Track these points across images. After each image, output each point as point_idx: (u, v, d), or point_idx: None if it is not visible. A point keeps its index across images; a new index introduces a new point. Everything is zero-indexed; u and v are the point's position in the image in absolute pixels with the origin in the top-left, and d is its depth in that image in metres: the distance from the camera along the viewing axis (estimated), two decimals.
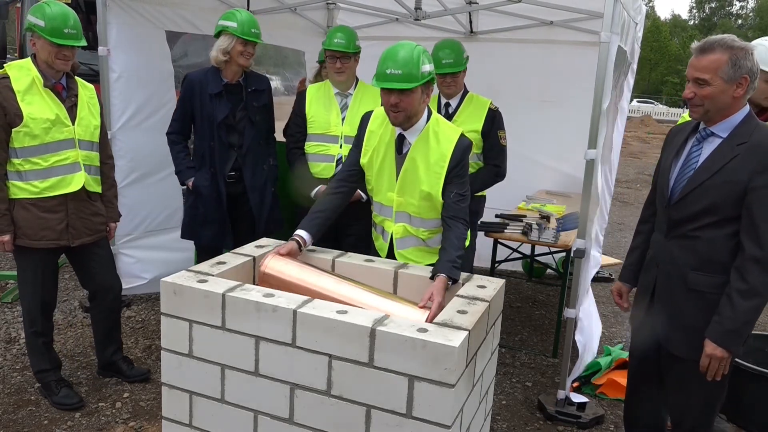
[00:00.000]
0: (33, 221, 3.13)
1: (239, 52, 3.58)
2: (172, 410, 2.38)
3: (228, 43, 3.57)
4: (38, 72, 3.09)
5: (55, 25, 3.01)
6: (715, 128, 2.34)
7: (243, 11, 3.63)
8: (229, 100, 3.69)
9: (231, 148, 3.75)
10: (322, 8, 5.89)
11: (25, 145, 3.06)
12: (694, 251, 2.36)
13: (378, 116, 2.72)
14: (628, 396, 2.97)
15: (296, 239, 2.59)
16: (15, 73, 3.07)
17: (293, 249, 2.55)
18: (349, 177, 2.79)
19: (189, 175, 3.75)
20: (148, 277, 4.80)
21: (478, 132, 3.84)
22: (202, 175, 3.74)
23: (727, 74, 2.23)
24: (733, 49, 2.22)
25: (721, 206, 2.27)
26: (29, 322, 3.31)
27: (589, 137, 3.26)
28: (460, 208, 2.58)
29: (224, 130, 3.70)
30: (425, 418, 1.96)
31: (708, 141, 2.37)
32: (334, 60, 3.71)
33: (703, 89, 2.27)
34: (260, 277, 2.47)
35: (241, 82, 3.74)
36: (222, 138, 3.70)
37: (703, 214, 2.32)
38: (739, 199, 2.23)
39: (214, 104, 3.65)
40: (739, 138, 2.27)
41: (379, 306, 2.29)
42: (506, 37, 5.45)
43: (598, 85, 3.18)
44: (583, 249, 3.33)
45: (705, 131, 2.38)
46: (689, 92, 2.31)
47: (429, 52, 2.59)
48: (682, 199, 2.37)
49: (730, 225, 2.27)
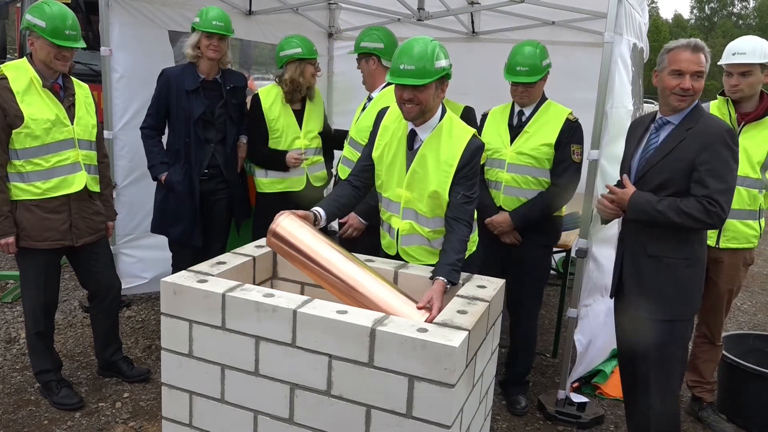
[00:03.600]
0: (37, 222, 3.12)
1: (206, 45, 3.63)
2: (172, 410, 2.38)
3: (196, 39, 3.65)
4: (36, 72, 3.06)
5: (55, 25, 2.99)
6: (671, 117, 2.68)
7: (212, 7, 3.68)
8: (206, 96, 3.73)
9: (207, 143, 3.78)
10: (324, 8, 5.89)
11: (26, 146, 3.05)
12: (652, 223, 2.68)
13: (393, 111, 2.71)
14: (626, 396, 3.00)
15: (314, 212, 2.57)
16: (12, 73, 3.04)
17: (309, 216, 2.53)
18: (362, 171, 2.79)
19: (162, 170, 3.77)
20: (148, 277, 4.79)
21: (550, 146, 3.28)
22: (175, 170, 3.75)
23: (707, 69, 2.63)
24: (705, 49, 2.62)
25: (674, 181, 2.60)
26: (32, 322, 3.31)
27: (592, 138, 3.25)
28: (465, 210, 2.54)
29: (201, 126, 3.73)
30: (425, 418, 1.96)
31: (664, 128, 2.71)
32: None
33: (698, 82, 2.60)
34: (268, 238, 2.41)
35: (219, 80, 3.78)
36: (198, 134, 3.72)
37: (659, 189, 2.63)
38: (688, 175, 2.57)
39: (190, 100, 3.68)
40: (687, 124, 2.62)
41: (379, 297, 2.28)
42: (508, 37, 5.43)
43: (601, 85, 3.18)
44: (585, 249, 3.33)
45: (661, 120, 2.72)
46: (687, 84, 2.58)
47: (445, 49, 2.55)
48: (642, 178, 2.70)
49: (682, 197, 2.58)
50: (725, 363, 3.60)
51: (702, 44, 2.61)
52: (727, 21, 66.57)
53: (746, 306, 5.79)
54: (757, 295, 6.15)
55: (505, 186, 3.37)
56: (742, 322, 5.38)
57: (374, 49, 3.44)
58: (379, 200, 2.82)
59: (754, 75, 3.23)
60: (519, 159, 3.32)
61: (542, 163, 3.31)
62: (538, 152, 3.29)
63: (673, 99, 2.61)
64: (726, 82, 3.32)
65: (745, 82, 3.24)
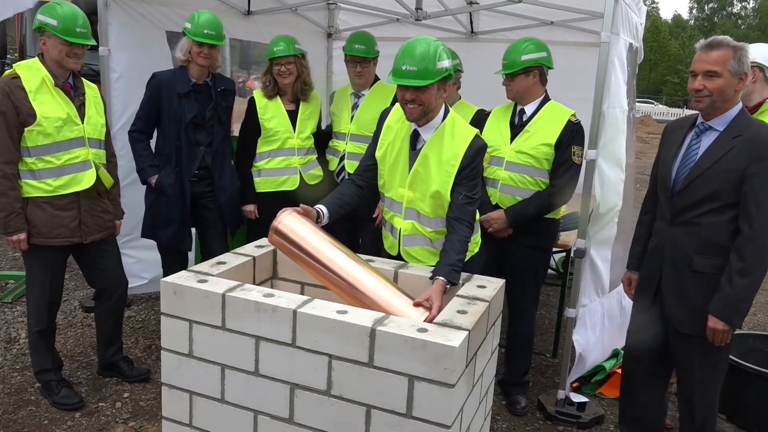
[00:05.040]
0: (47, 219, 3.16)
1: (196, 53, 3.63)
2: (172, 410, 2.38)
3: (187, 44, 3.65)
4: (47, 72, 3.11)
5: (67, 24, 3.05)
6: (713, 122, 2.55)
7: (204, 12, 3.67)
8: (197, 99, 3.73)
9: (198, 146, 3.78)
10: (322, 8, 5.89)
11: (38, 144, 3.09)
12: (697, 236, 2.57)
13: (397, 111, 2.71)
14: (624, 396, 2.99)
15: (317, 210, 2.58)
16: (24, 72, 3.09)
17: (312, 213, 2.53)
18: (366, 170, 2.79)
19: (152, 173, 3.77)
20: (148, 277, 4.79)
21: (550, 146, 3.28)
22: (166, 173, 3.75)
23: (734, 68, 2.46)
24: (736, 47, 2.46)
25: (721, 193, 2.48)
26: (35, 320, 3.32)
27: (590, 138, 3.25)
28: (467, 210, 2.54)
29: (191, 130, 3.73)
30: (425, 418, 1.96)
31: (706, 134, 2.58)
32: (354, 65, 3.95)
33: (713, 81, 2.47)
34: (270, 235, 2.42)
35: (209, 83, 3.79)
36: (189, 137, 3.73)
37: (704, 201, 2.52)
38: (737, 187, 2.45)
39: (182, 104, 3.68)
40: (734, 131, 2.49)
41: (380, 296, 2.28)
42: (507, 37, 5.42)
43: (598, 85, 3.18)
44: (583, 249, 3.33)
45: (703, 125, 2.59)
46: (699, 84, 2.50)
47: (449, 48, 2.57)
48: (686, 188, 2.57)
49: (730, 210, 2.49)
50: None
51: (719, 40, 2.49)
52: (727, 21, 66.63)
53: None
54: (757, 295, 6.14)
55: (502, 184, 3.36)
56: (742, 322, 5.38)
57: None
58: (381, 200, 2.83)
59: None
60: (518, 158, 3.32)
61: (541, 163, 3.30)
62: (538, 152, 3.29)
63: (692, 101, 2.57)
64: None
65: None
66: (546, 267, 3.67)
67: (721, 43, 2.48)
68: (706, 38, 2.56)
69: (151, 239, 3.95)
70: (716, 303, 2.52)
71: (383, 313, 2.11)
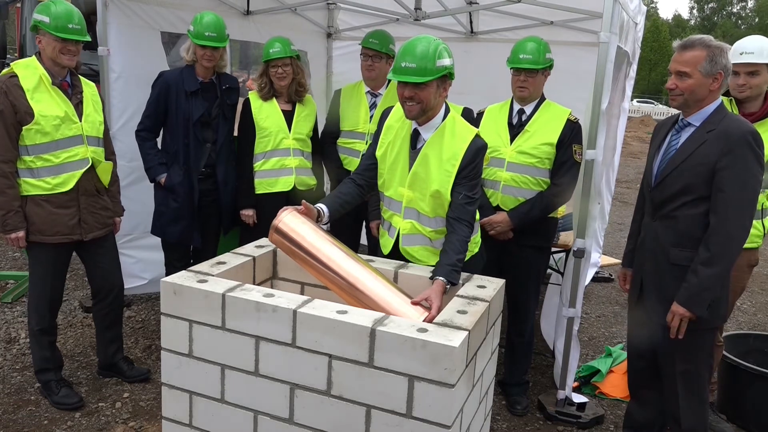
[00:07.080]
0: (46, 217, 3.17)
1: (200, 55, 3.66)
2: (172, 410, 2.38)
3: (192, 46, 3.69)
4: (45, 70, 3.12)
5: (60, 21, 3.06)
6: (691, 118, 2.62)
7: (207, 14, 3.68)
8: (205, 98, 3.77)
9: (205, 144, 3.81)
10: (322, 8, 5.88)
11: (36, 142, 3.10)
12: (674, 229, 2.63)
13: (397, 111, 2.72)
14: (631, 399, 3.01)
15: (318, 209, 2.58)
16: (22, 71, 3.10)
17: (312, 212, 2.54)
18: (366, 169, 2.80)
19: (161, 172, 3.80)
20: (148, 277, 4.79)
21: (552, 145, 3.29)
22: (174, 171, 3.78)
23: (705, 69, 2.50)
24: (711, 47, 2.50)
25: (694, 186, 2.54)
26: (36, 319, 3.33)
27: (589, 137, 3.25)
28: (467, 210, 2.54)
29: (199, 128, 3.76)
30: (425, 418, 1.96)
31: (685, 130, 2.65)
32: (366, 58, 3.98)
33: (684, 81, 2.54)
34: (271, 234, 2.42)
35: (215, 81, 3.83)
36: (197, 135, 3.76)
37: (679, 195, 2.59)
38: (709, 180, 2.50)
39: (190, 102, 3.71)
40: (709, 126, 2.55)
41: (380, 295, 2.28)
42: (506, 37, 5.43)
43: (597, 85, 3.18)
44: (583, 249, 3.33)
45: (682, 122, 2.66)
46: (671, 83, 2.58)
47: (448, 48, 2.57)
48: (662, 182, 2.65)
49: (704, 204, 2.54)
50: (725, 363, 3.60)
51: (693, 40, 2.54)
52: (727, 21, 66.66)
53: (746, 306, 5.80)
54: (757, 295, 6.15)
55: (503, 185, 3.36)
56: (742, 322, 5.38)
57: None
58: (381, 199, 2.83)
59: (761, 75, 3.20)
60: (520, 158, 3.32)
61: (543, 162, 3.30)
62: (539, 151, 3.29)
63: (669, 99, 2.64)
64: (732, 82, 3.26)
65: (752, 82, 3.22)
66: (546, 266, 3.67)
67: (695, 43, 2.52)
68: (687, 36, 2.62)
69: (161, 237, 3.97)
70: (682, 291, 2.56)
71: (383, 313, 2.11)
